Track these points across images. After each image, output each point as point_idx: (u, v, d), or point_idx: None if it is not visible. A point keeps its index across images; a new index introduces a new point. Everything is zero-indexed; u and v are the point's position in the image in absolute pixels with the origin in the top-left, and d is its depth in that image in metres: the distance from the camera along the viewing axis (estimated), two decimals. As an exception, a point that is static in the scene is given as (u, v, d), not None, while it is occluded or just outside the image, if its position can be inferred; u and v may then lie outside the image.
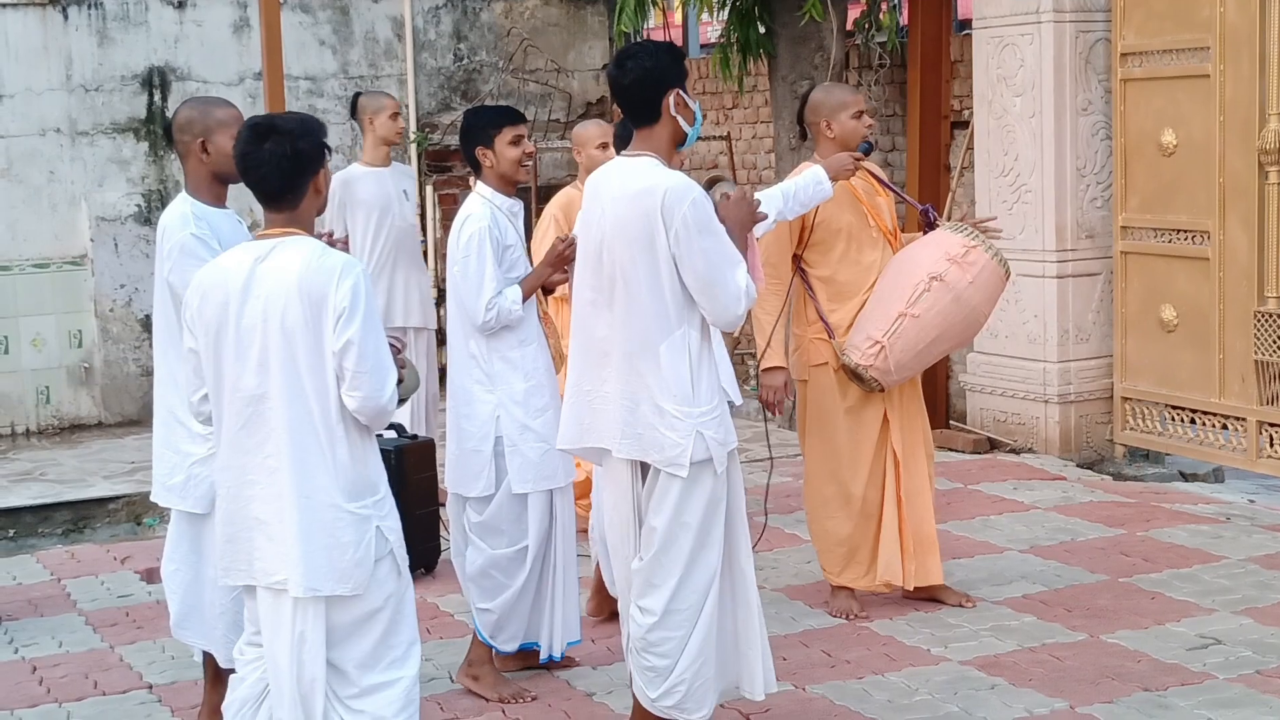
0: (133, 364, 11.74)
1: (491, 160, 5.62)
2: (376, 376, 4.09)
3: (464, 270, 5.49)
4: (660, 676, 4.75)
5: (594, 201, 4.85)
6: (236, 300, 4.11)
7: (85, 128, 11.68)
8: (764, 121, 11.69)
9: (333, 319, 4.05)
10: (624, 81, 4.77)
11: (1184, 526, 7.53)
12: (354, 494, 4.14)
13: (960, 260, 6.12)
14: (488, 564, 5.61)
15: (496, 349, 5.54)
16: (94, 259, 11.62)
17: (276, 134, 4.12)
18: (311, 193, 4.18)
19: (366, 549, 4.12)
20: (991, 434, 9.41)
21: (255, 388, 4.11)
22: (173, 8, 11.92)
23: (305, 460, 4.10)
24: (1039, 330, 9.13)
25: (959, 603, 6.45)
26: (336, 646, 4.16)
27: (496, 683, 5.68)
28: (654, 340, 4.66)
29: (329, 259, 4.10)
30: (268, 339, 4.08)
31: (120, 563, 7.81)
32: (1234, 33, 8.20)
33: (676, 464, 4.67)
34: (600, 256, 4.76)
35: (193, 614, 5.18)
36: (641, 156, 4.78)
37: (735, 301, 4.64)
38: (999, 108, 9.24)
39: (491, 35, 13.02)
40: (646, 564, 4.76)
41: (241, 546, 4.19)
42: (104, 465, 10.31)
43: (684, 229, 4.59)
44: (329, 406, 4.10)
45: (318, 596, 4.10)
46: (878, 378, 6.20)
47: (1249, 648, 5.85)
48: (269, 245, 4.14)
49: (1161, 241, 8.78)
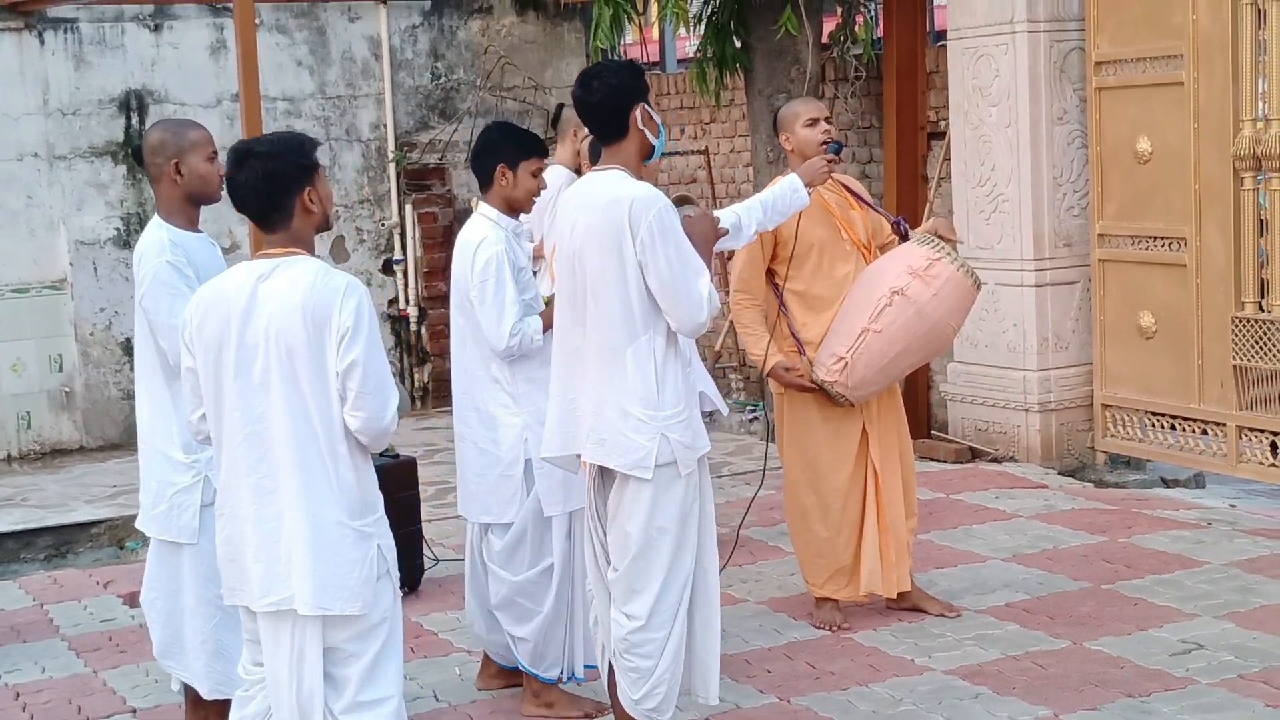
0: (114, 387, 11.71)
1: (508, 183, 5.57)
2: (379, 397, 4.10)
3: (482, 295, 5.44)
4: (643, 678, 4.81)
5: (567, 216, 4.94)
6: (239, 319, 4.11)
7: (63, 152, 11.65)
8: (742, 135, 11.70)
9: (336, 339, 4.06)
10: (592, 100, 4.88)
11: (1165, 532, 7.55)
12: (357, 512, 4.15)
13: (923, 274, 6.12)
14: (511, 592, 5.57)
15: (521, 371, 5.49)
16: (73, 283, 11.59)
17: (252, 157, 4.14)
18: (301, 211, 4.17)
19: (370, 567, 4.13)
20: (973, 443, 9.43)
21: (255, 407, 4.11)
22: (149, 30, 11.91)
23: (310, 479, 4.10)
24: (1018, 339, 9.16)
25: (942, 612, 6.46)
26: (336, 663, 4.16)
27: (572, 702, 5.65)
28: (620, 345, 4.76)
29: (333, 279, 4.10)
30: (269, 358, 4.08)
31: (103, 587, 7.79)
32: (1207, 40, 8.24)
33: (641, 466, 4.74)
34: (573, 268, 4.85)
35: (174, 643, 5.15)
36: (611, 170, 4.90)
37: (698, 309, 4.75)
38: (975, 118, 9.28)
39: (469, 53, 13.03)
40: (625, 570, 4.82)
41: (239, 567, 4.19)
42: (86, 489, 10.27)
43: (649, 237, 4.71)
44: (332, 426, 4.10)
45: (323, 615, 4.09)
46: (844, 393, 6.22)
47: (1231, 652, 5.87)
48: (271, 265, 4.14)
49: (1139, 249, 8.82)
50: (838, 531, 6.36)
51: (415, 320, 12.77)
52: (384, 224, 12.71)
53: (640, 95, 4.91)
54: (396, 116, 12.75)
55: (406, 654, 6.36)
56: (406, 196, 12.71)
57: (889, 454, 6.40)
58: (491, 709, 5.78)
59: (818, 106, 6.38)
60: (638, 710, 4.85)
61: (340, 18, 12.58)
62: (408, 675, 6.09)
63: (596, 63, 5.91)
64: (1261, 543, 7.32)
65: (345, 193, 12.54)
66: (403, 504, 7.24)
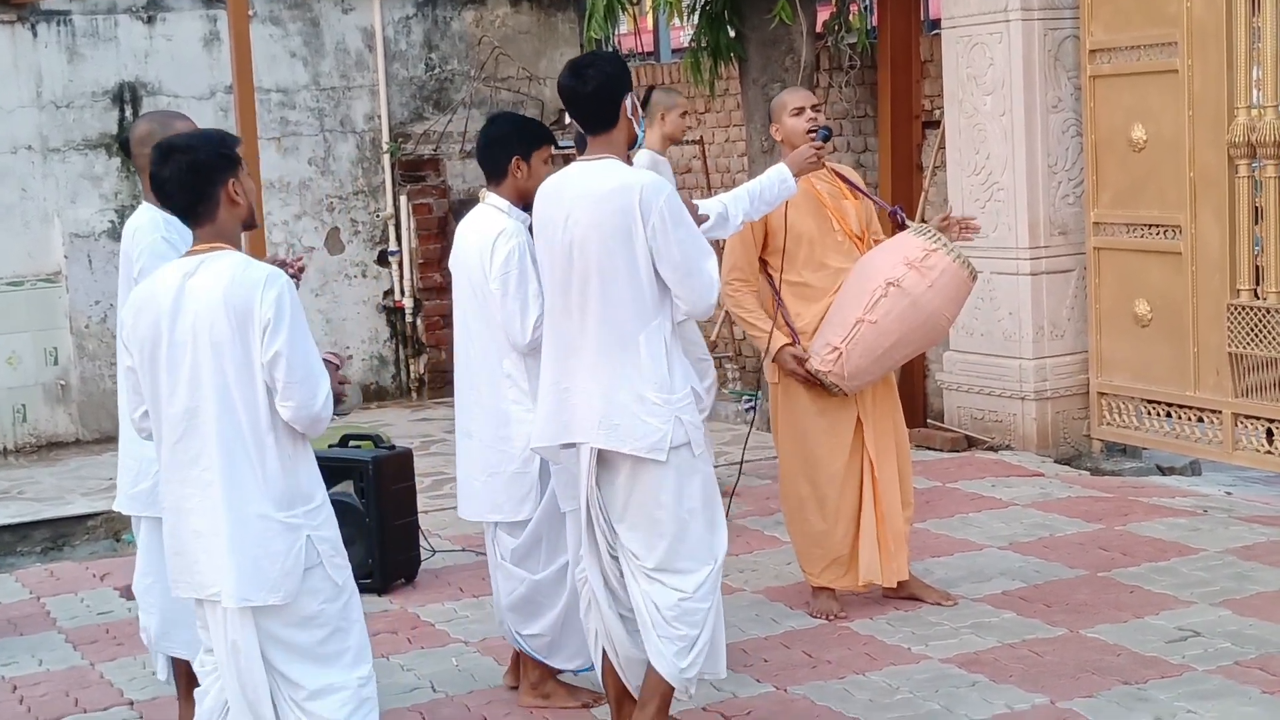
0: (109, 380, 11.69)
1: (523, 174, 5.51)
2: (307, 385, 4.12)
3: (505, 288, 5.36)
4: (689, 645, 4.86)
5: (555, 206, 4.92)
6: (168, 317, 4.16)
7: (57, 144, 11.65)
8: (736, 125, 11.70)
9: (259, 330, 4.09)
10: (585, 90, 4.91)
11: (1161, 520, 7.56)
12: (284, 504, 4.16)
13: (919, 265, 6.11)
14: (530, 592, 5.52)
15: (534, 367, 5.31)
16: (68, 275, 11.59)
17: (176, 152, 4.21)
18: (225, 203, 4.22)
19: (296, 558, 4.15)
20: (969, 432, 9.44)
21: (187, 402, 4.16)
22: (142, 23, 11.90)
23: (235, 472, 4.14)
24: (1014, 327, 9.16)
25: (938, 601, 6.47)
26: (277, 653, 4.20)
27: (570, 693, 5.64)
28: (632, 331, 4.80)
29: (252, 271, 4.14)
30: (198, 354, 4.13)
31: (100, 580, 7.79)
32: (1201, 27, 8.23)
33: (657, 449, 4.79)
34: (570, 257, 4.84)
35: (176, 625, 5.12)
36: (604, 159, 4.92)
37: (709, 289, 4.84)
38: (970, 107, 9.27)
39: (462, 44, 13.02)
40: (664, 553, 4.85)
41: (185, 560, 4.23)
42: (82, 482, 10.27)
43: (660, 222, 4.76)
44: (258, 418, 4.14)
45: (247, 606, 4.13)
46: (837, 383, 6.21)
47: (1227, 639, 5.87)
48: (196, 261, 4.19)
49: (1134, 236, 8.82)
50: (834, 522, 6.36)
51: (411, 312, 12.77)
52: (379, 215, 12.71)
53: (629, 86, 5.00)
54: (391, 108, 12.75)
55: (403, 645, 6.39)
56: (401, 188, 12.71)
57: (885, 444, 6.40)
58: (489, 699, 5.78)
59: (803, 95, 6.38)
60: (680, 679, 4.90)
61: (334, 9, 12.57)
62: (405, 666, 6.12)
63: (586, 53, 5.92)
64: (1257, 529, 7.33)
65: (340, 184, 12.54)
66: (399, 495, 7.25)
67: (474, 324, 5.52)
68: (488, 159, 5.60)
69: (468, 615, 6.76)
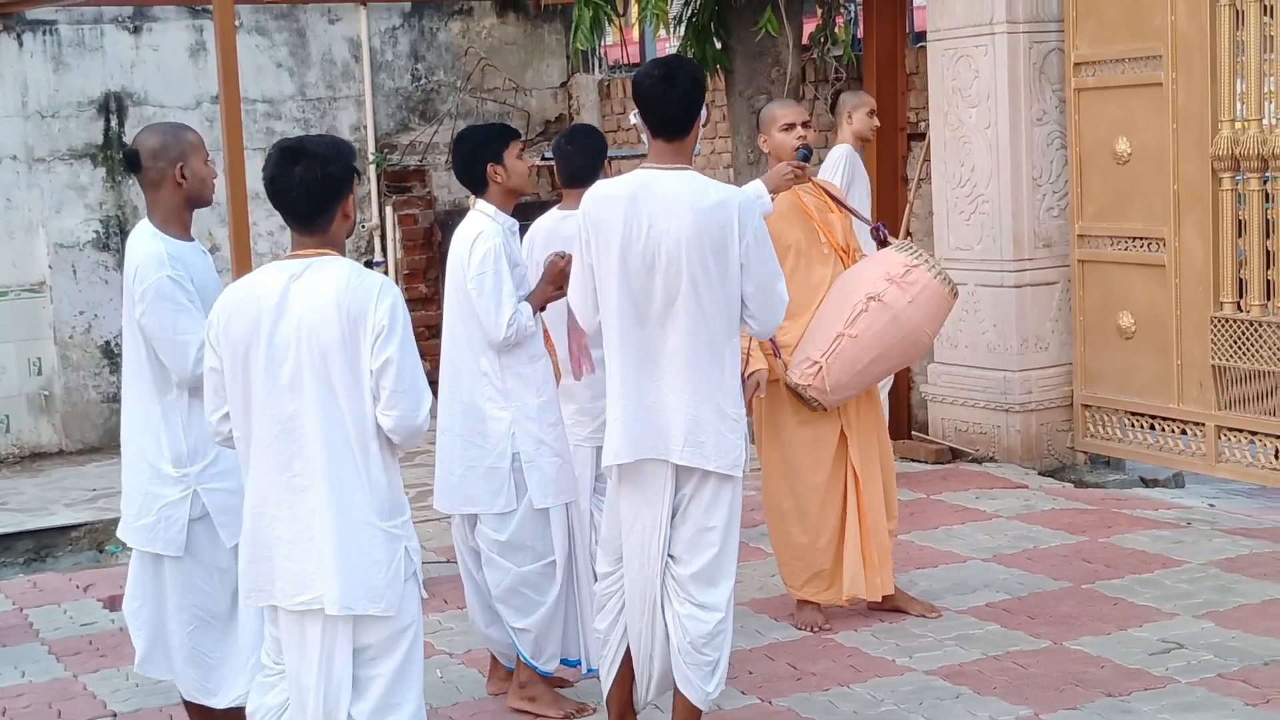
0: (93, 391, 11.68)
1: (503, 176, 5.59)
2: (413, 396, 4.08)
3: (480, 287, 5.44)
4: (714, 669, 4.92)
5: (627, 212, 4.82)
6: (270, 318, 4.08)
7: (42, 154, 11.63)
8: (722, 136, 11.70)
9: (371, 337, 4.05)
10: (675, 93, 4.85)
11: (1145, 532, 7.58)
12: (387, 513, 4.13)
13: (900, 280, 6.12)
14: (516, 582, 5.58)
15: (509, 365, 5.51)
16: (53, 286, 11.56)
17: (307, 158, 4.10)
18: (340, 217, 4.18)
19: (398, 569, 4.12)
20: (953, 444, 9.45)
21: (286, 406, 4.08)
22: (128, 33, 11.89)
23: (341, 478, 4.08)
24: (998, 339, 9.17)
25: (922, 613, 6.47)
26: (363, 665, 4.14)
27: (555, 700, 5.66)
28: (720, 346, 4.85)
29: (368, 278, 4.10)
30: (301, 357, 4.06)
31: (83, 591, 7.77)
32: (1185, 41, 8.27)
33: (735, 466, 4.89)
34: (652, 266, 4.80)
35: (157, 651, 5.13)
36: (683, 170, 4.90)
37: (780, 310, 4.97)
38: (955, 119, 9.29)
39: (449, 55, 13.02)
40: (709, 564, 4.92)
41: (264, 567, 4.15)
42: (65, 493, 10.24)
43: (755, 240, 4.84)
44: (365, 425, 4.09)
45: (350, 615, 4.07)
46: (816, 397, 6.21)
47: (1210, 651, 5.88)
48: (303, 264, 4.13)
49: (1118, 249, 8.84)
50: (816, 535, 6.36)
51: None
52: (364, 226, 12.70)
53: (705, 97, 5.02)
54: (377, 118, 12.74)
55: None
56: (387, 198, 12.70)
57: (869, 457, 6.40)
58: (473, 711, 5.77)
59: (795, 111, 6.36)
60: (707, 701, 4.94)
61: (320, 19, 12.57)
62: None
63: (671, 55, 5.93)
64: (1240, 542, 7.34)
65: (325, 195, 12.50)
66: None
67: (456, 325, 5.60)
68: (465, 175, 5.69)
69: (452, 627, 6.75)
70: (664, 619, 4.94)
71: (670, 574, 4.91)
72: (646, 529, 4.92)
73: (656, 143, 4.93)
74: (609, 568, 5.07)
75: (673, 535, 4.91)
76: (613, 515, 5.04)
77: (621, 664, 5.06)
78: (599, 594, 5.14)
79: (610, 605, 5.07)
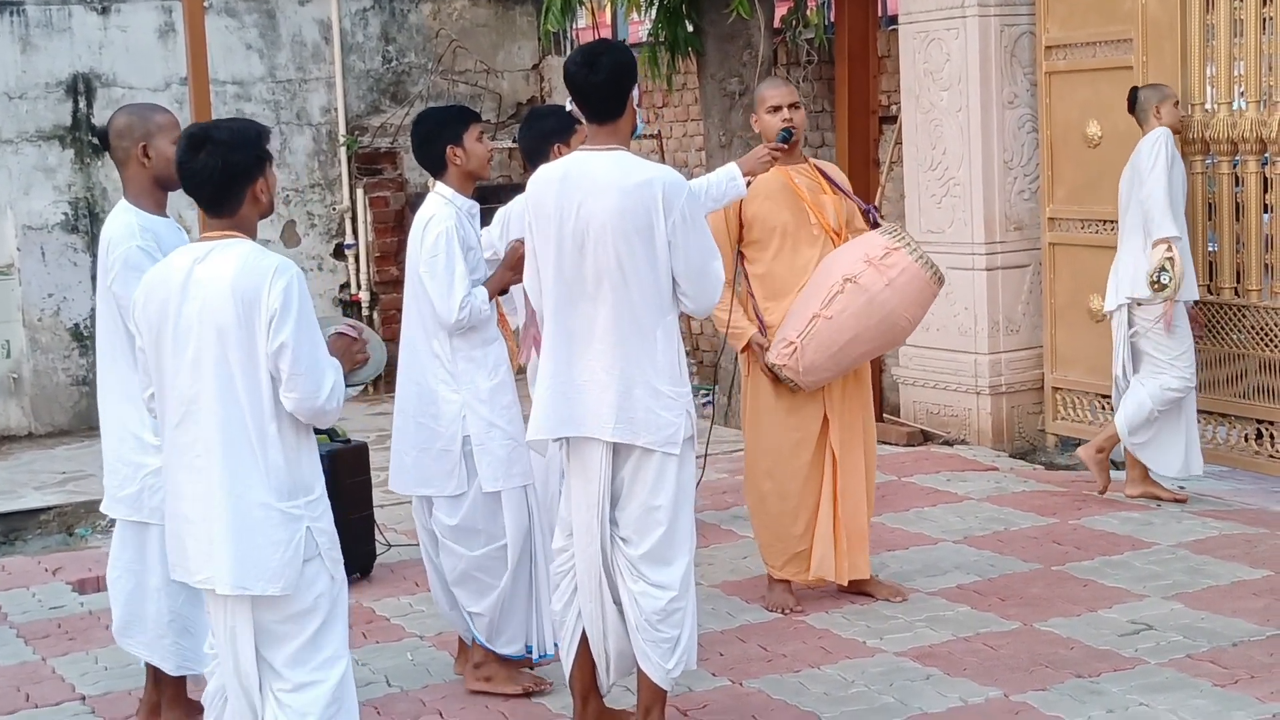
0: (62, 374, 11.62)
1: (462, 158, 5.59)
2: (312, 377, 4.10)
3: (432, 270, 5.46)
4: (674, 646, 4.91)
5: (560, 195, 4.85)
6: (175, 300, 4.14)
7: (9, 136, 11.55)
8: (694, 119, 11.69)
9: (265, 320, 4.07)
10: (597, 78, 4.87)
11: (1115, 514, 7.61)
12: (286, 494, 4.15)
13: (878, 262, 6.09)
14: (469, 567, 5.59)
15: (461, 349, 5.51)
16: (21, 268, 11.50)
17: (210, 144, 4.15)
18: (250, 200, 4.20)
19: (296, 549, 4.13)
20: (924, 426, 9.47)
21: (189, 387, 4.14)
22: (97, 14, 11.81)
23: (237, 460, 4.11)
24: (969, 322, 9.19)
25: (888, 597, 6.48)
26: (268, 644, 4.19)
27: (511, 676, 5.67)
28: (650, 325, 4.83)
29: (264, 260, 4.11)
30: (202, 339, 4.11)
31: (52, 574, 7.73)
32: (1156, 24, 8.28)
33: (671, 443, 4.85)
34: (581, 247, 4.81)
35: (135, 622, 5.19)
36: (615, 150, 4.89)
37: (715, 290, 4.92)
38: (926, 102, 9.30)
39: (420, 37, 12.98)
40: (656, 543, 4.88)
41: (176, 544, 4.24)
42: (34, 476, 10.20)
43: (682, 219, 4.80)
44: (261, 407, 4.12)
45: (246, 595, 4.11)
46: (791, 378, 6.21)
47: (1179, 632, 5.91)
48: (207, 247, 4.17)
49: (1088, 232, 8.86)
50: (794, 516, 6.36)
51: (367, 305, 12.72)
52: (335, 208, 12.65)
53: (636, 76, 5.03)
54: (347, 100, 12.69)
55: (358, 639, 6.36)
56: (358, 181, 12.65)
57: (851, 442, 6.38)
58: (444, 693, 5.76)
59: (784, 92, 6.30)
60: (668, 679, 4.94)
61: (290, 1, 12.50)
62: (359, 660, 6.09)
63: (596, 40, 5.91)
64: (1210, 524, 7.38)
65: (296, 177, 12.47)
66: (354, 489, 7.22)
67: (412, 307, 5.62)
68: (425, 158, 5.70)
69: (422, 610, 6.74)
70: (616, 599, 4.95)
71: (623, 554, 4.91)
72: (591, 507, 4.93)
73: (591, 126, 4.97)
74: (561, 542, 5.08)
75: (621, 516, 4.91)
76: (566, 493, 5.08)
77: (581, 645, 5.05)
78: (553, 573, 5.15)
79: (564, 585, 5.07)
